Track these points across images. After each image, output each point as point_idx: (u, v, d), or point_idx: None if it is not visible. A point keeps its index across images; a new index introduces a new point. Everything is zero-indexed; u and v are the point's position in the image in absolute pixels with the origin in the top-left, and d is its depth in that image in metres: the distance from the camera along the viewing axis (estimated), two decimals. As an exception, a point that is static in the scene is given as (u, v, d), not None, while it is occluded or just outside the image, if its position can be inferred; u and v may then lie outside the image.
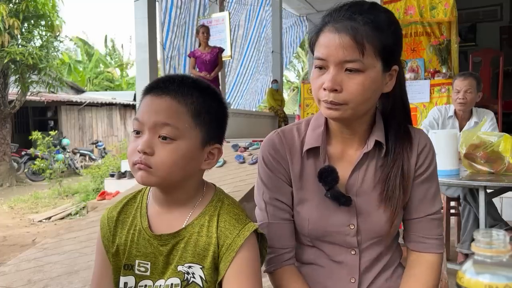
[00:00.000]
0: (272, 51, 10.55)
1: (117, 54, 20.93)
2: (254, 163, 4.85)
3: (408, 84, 1.04)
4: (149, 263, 0.89)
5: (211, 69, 5.75)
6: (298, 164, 1.00)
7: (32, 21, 9.88)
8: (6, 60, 9.01)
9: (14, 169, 10.22)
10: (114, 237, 0.92)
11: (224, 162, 5.09)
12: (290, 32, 11.97)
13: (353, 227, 0.98)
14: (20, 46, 9.28)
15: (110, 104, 14.49)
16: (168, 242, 0.87)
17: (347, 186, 0.98)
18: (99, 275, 0.95)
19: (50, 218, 5.95)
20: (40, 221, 5.84)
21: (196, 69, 5.79)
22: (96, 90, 18.09)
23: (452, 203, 2.92)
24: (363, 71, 0.87)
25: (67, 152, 11.33)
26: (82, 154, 12.05)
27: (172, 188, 0.88)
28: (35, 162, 8.43)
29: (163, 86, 0.86)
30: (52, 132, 9.09)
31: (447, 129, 2.84)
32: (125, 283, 0.90)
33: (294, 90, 20.62)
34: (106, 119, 14.52)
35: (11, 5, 9.30)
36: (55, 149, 9.58)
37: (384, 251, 1.02)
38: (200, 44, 5.93)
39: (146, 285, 0.89)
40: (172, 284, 0.87)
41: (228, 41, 7.41)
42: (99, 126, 14.32)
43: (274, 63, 10.57)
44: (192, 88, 0.87)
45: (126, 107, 14.75)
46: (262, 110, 12.66)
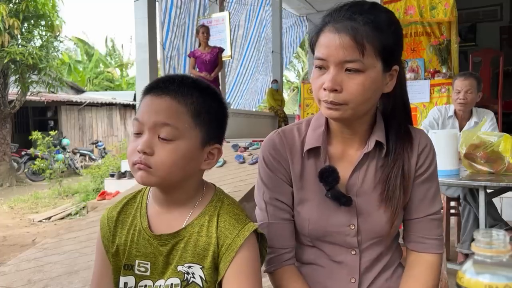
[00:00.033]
0: (272, 51, 10.55)
1: (117, 54, 20.93)
2: (254, 163, 4.85)
3: (408, 84, 1.03)
4: (149, 263, 0.89)
5: (211, 69, 5.74)
6: (298, 164, 1.00)
7: (32, 21, 9.88)
8: (6, 60, 9.01)
9: (14, 169, 10.22)
10: (114, 237, 0.92)
11: (224, 162, 5.09)
12: (290, 32, 11.96)
13: (353, 227, 0.98)
14: (20, 46, 9.28)
15: (110, 104, 14.49)
16: (168, 242, 0.88)
17: (347, 186, 0.98)
18: (99, 275, 0.95)
19: (50, 218, 5.95)
20: (40, 221, 5.84)
21: (196, 69, 5.79)
22: (96, 90, 18.09)
23: (452, 203, 2.92)
24: (363, 71, 0.87)
25: (67, 152, 11.33)
26: (82, 154, 12.05)
27: (172, 188, 0.88)
28: (35, 162, 8.43)
29: (163, 86, 0.86)
30: (52, 132, 9.09)
31: (447, 129, 2.84)
32: (125, 283, 0.90)
33: (294, 90, 20.62)
34: (106, 119, 14.52)
35: (11, 5, 9.30)
36: (55, 149, 9.58)
37: (384, 251, 1.02)
38: (200, 44, 5.93)
39: (146, 285, 0.89)
40: (172, 284, 0.87)
41: (228, 41, 7.41)
42: (99, 126, 14.32)
43: (274, 63, 10.57)
44: (192, 88, 0.87)
45: (126, 107, 14.75)
46: (262, 110, 12.67)
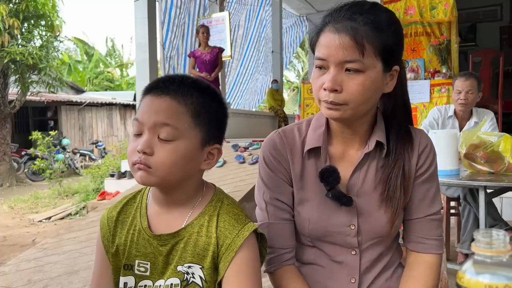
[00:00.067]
0: (272, 51, 10.55)
1: (117, 54, 20.93)
2: (254, 163, 4.84)
3: (408, 84, 1.03)
4: (148, 263, 0.89)
5: (211, 69, 5.74)
6: (299, 164, 1.00)
7: (32, 21, 9.88)
8: (6, 60, 9.01)
9: (14, 169, 10.22)
10: (114, 237, 0.92)
11: (224, 162, 5.08)
12: (290, 32, 11.96)
13: (353, 227, 0.98)
14: (20, 46, 9.28)
15: (110, 104, 14.49)
16: (168, 242, 0.87)
17: (348, 187, 0.98)
18: (99, 275, 0.95)
19: (50, 218, 5.95)
20: (40, 221, 5.84)
21: (196, 69, 5.78)
22: (96, 90, 18.09)
23: (452, 203, 2.92)
24: (363, 71, 0.87)
25: (67, 152, 11.33)
26: (82, 154, 12.05)
27: (172, 188, 0.88)
28: (35, 162, 8.43)
29: (163, 86, 0.86)
30: (52, 132, 9.08)
31: (447, 129, 2.84)
32: (125, 283, 0.90)
33: (294, 90, 20.62)
34: (106, 119, 14.52)
35: (11, 5, 9.30)
36: (55, 149, 9.58)
37: (384, 252, 1.02)
38: (200, 44, 5.93)
39: (145, 285, 0.89)
40: (171, 284, 0.87)
41: (228, 41, 7.41)
42: (99, 126, 14.32)
43: (274, 63, 10.57)
44: (192, 88, 0.87)
45: (126, 107, 14.75)
46: (262, 110, 12.67)
